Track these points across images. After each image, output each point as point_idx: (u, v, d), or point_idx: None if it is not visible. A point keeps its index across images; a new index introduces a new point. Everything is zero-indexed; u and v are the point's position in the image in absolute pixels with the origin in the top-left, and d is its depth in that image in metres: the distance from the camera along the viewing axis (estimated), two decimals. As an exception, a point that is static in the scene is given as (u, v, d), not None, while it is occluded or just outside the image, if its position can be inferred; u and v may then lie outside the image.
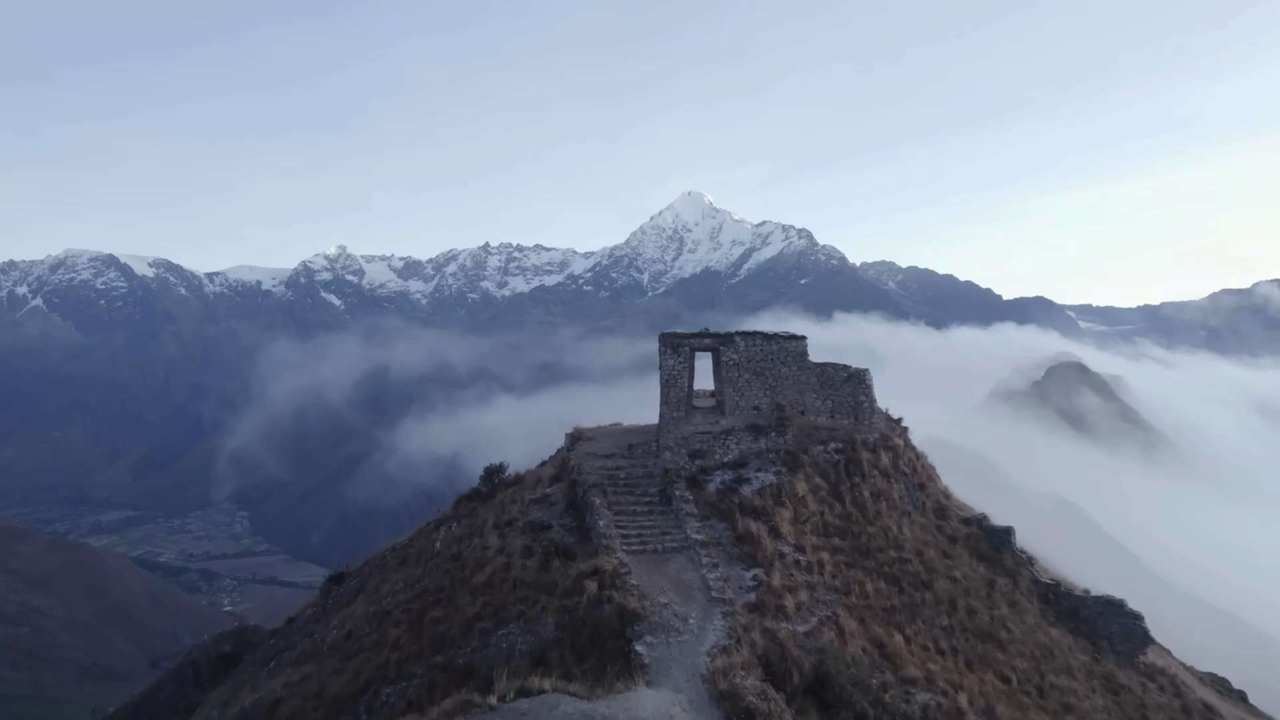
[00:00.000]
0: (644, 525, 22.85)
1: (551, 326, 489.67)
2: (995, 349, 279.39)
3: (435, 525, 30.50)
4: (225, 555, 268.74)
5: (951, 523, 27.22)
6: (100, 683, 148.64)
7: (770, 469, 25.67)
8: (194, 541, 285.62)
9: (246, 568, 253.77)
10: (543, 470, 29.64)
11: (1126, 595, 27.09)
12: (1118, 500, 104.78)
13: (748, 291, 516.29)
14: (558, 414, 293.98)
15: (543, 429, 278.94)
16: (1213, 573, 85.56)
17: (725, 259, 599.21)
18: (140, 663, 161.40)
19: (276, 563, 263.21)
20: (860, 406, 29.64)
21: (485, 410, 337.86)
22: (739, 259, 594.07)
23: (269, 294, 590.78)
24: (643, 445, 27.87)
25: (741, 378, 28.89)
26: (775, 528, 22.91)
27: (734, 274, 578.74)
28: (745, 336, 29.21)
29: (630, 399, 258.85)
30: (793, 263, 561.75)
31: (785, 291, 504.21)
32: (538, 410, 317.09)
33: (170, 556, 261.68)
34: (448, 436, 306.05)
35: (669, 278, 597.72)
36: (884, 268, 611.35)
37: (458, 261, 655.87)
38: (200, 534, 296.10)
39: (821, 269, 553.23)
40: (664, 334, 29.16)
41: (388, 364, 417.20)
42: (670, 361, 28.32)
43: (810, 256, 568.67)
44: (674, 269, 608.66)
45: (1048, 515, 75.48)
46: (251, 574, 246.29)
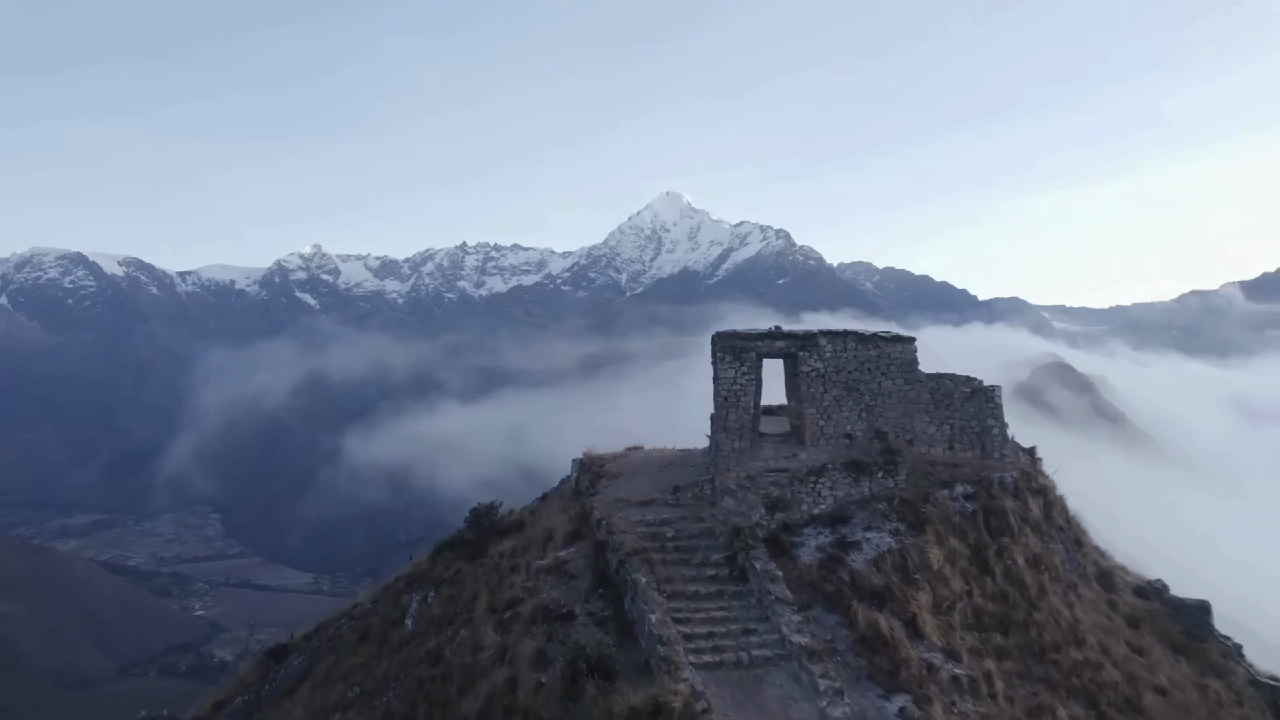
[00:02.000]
0: (713, 617, 16.15)
1: (532, 327, 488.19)
2: (972, 349, 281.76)
3: (406, 585, 25.02)
4: (197, 558, 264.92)
5: (1124, 595, 20.63)
6: (69, 691, 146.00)
7: (884, 526, 18.95)
8: (165, 545, 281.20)
9: (219, 571, 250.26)
10: (551, 517, 23.02)
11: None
12: (1121, 504, 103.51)
13: (726, 291, 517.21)
14: (510, 418, 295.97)
15: (492, 432, 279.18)
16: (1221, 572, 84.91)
17: (704, 259, 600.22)
18: (110, 669, 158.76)
19: (250, 566, 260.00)
20: (988, 433, 22.09)
21: (468, 405, 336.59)
22: (717, 259, 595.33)
23: (243, 293, 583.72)
24: (692, 487, 20.99)
25: (828, 394, 21.44)
26: (914, 621, 16.18)
27: (712, 274, 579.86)
28: (833, 338, 21.74)
29: (578, 399, 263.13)
30: (771, 263, 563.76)
31: (764, 291, 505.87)
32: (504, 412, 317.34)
33: (140, 560, 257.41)
34: (417, 436, 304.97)
35: (647, 277, 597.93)
36: (861, 268, 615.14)
37: (435, 261, 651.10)
38: (172, 537, 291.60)
39: (799, 269, 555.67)
40: (720, 334, 21.57)
41: (355, 365, 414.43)
42: (729, 372, 20.96)
43: (788, 257, 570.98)
44: (652, 269, 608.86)
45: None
46: (225, 577, 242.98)
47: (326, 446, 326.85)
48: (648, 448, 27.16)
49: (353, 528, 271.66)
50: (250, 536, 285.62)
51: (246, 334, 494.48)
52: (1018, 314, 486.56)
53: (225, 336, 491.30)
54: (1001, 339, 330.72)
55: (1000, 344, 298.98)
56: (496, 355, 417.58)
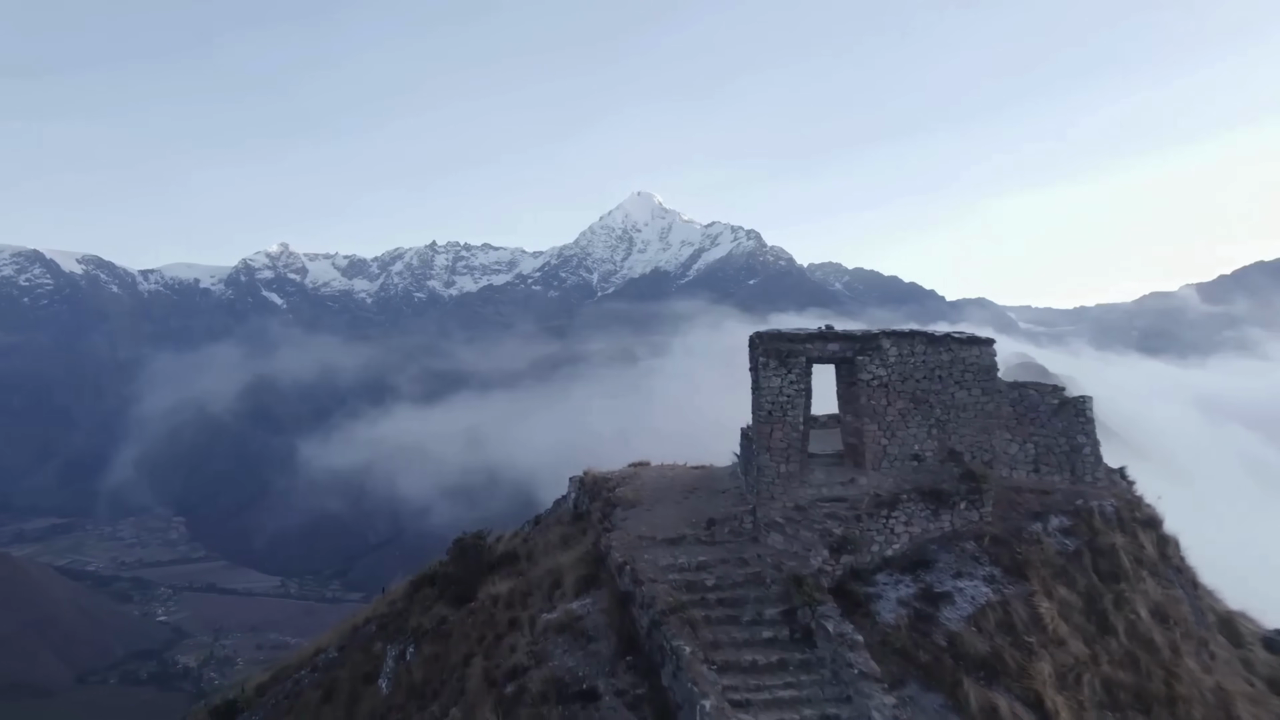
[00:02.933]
0: (779, 698, 12.64)
1: (501, 327, 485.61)
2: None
3: (379, 629, 21.96)
4: (160, 563, 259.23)
5: (1256, 651, 17.13)
6: (26, 700, 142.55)
7: (975, 571, 15.48)
8: (126, 549, 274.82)
9: (183, 575, 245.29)
10: (554, 553, 19.92)
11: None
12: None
13: (697, 291, 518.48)
14: (472, 420, 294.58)
15: (453, 434, 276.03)
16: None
17: (675, 259, 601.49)
18: (67, 678, 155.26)
19: (216, 569, 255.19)
20: (1079, 453, 18.77)
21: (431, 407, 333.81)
22: (688, 259, 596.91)
23: (208, 292, 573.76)
24: (729, 520, 17.50)
25: (892, 407, 18.12)
26: (1038, 701, 12.84)
27: (683, 274, 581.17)
28: (898, 339, 18.38)
29: (545, 401, 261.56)
30: (742, 263, 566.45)
31: (734, 292, 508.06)
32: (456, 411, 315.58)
33: (100, 565, 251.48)
34: (378, 439, 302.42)
35: (619, 278, 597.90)
36: (831, 269, 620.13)
37: (404, 260, 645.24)
38: (133, 541, 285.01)
39: (770, 269, 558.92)
40: (763, 335, 18.19)
41: (312, 366, 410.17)
42: (774, 381, 17.65)
43: (759, 257, 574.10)
44: (623, 269, 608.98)
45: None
46: (189, 582, 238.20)
47: (289, 449, 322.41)
48: (656, 464, 24.05)
49: (320, 530, 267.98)
50: (215, 539, 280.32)
51: (212, 333, 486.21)
52: (984, 314, 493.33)
53: (190, 336, 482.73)
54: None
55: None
56: (456, 356, 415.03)
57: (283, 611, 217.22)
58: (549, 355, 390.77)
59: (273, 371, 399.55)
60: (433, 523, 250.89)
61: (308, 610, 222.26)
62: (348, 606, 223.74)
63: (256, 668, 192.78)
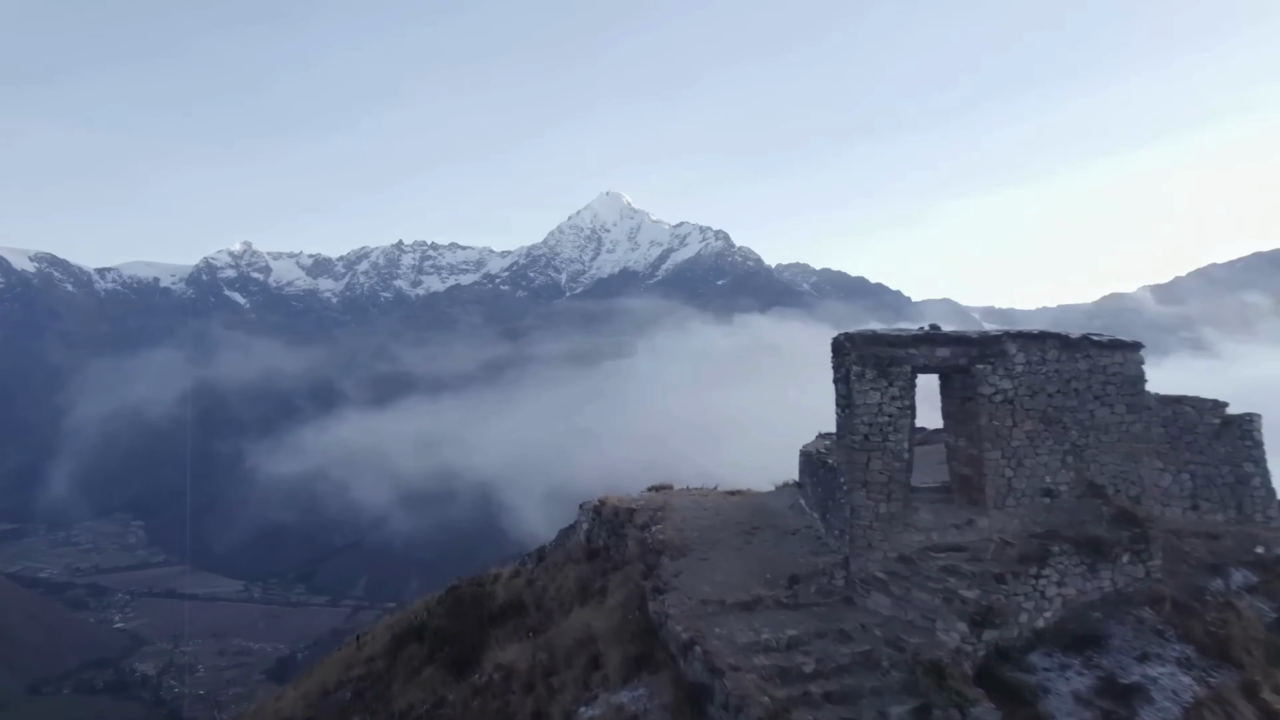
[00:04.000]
0: None
1: (473, 326, 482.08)
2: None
3: (355, 693, 18.03)
4: (117, 568, 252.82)
5: None
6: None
7: (1165, 651, 11.76)
8: (81, 555, 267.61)
9: (142, 580, 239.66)
10: (574, 606, 16.14)
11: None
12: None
13: (666, 291, 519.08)
14: (433, 422, 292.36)
15: (407, 436, 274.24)
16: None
17: (643, 259, 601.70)
18: (17, 689, 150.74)
19: (176, 574, 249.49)
20: (1246, 485, 15.21)
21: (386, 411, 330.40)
22: (657, 259, 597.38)
23: (168, 292, 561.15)
24: (814, 577, 13.93)
25: (1019, 429, 14.50)
26: None
27: (652, 274, 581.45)
28: (1026, 343, 14.85)
29: (496, 406, 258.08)
30: (710, 264, 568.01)
31: (703, 292, 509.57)
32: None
33: (54, 572, 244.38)
34: (341, 440, 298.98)
35: (587, 278, 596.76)
36: (799, 269, 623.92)
37: (370, 259, 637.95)
38: (89, 546, 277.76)
39: (738, 270, 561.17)
40: (855, 337, 14.52)
41: (268, 367, 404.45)
42: (873, 396, 14.03)
43: (727, 258, 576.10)
44: (592, 269, 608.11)
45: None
46: (148, 587, 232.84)
47: (245, 451, 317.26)
48: (680, 488, 20.94)
49: (285, 533, 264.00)
50: (176, 543, 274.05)
51: (172, 333, 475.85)
52: (950, 315, 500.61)
53: (149, 336, 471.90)
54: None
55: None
56: (411, 358, 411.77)
57: (246, 616, 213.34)
58: (511, 356, 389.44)
59: (229, 373, 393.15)
60: (396, 527, 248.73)
61: (271, 614, 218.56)
62: (313, 610, 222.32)
63: (218, 674, 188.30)
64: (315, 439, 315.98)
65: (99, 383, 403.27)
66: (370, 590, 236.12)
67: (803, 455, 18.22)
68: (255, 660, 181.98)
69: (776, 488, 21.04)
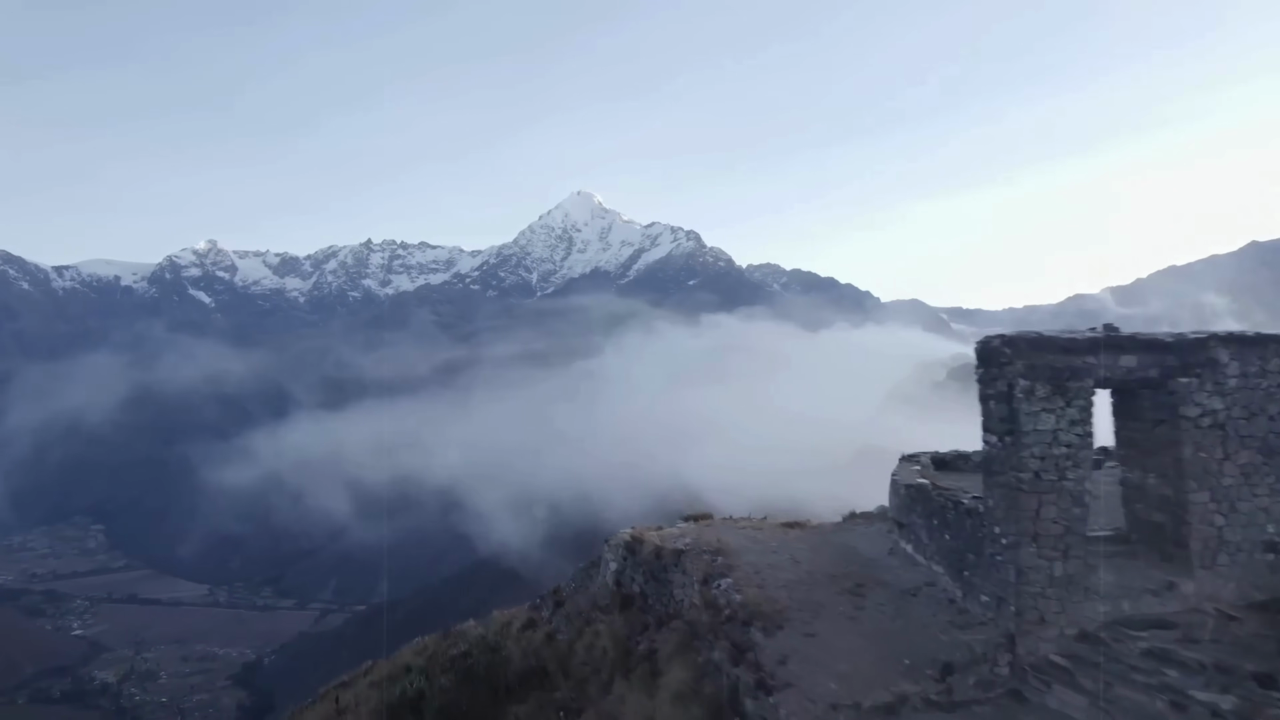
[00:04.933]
0: None
1: (439, 327, 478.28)
2: (884, 350, 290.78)
3: None
4: (76, 574, 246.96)
5: None
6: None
7: None
8: (38, 560, 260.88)
9: (101, 586, 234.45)
10: (625, 680, 13.08)
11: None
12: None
13: (638, 292, 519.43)
14: (394, 425, 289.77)
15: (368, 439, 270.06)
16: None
17: (615, 259, 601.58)
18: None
19: (138, 579, 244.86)
20: None
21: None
22: (628, 259, 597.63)
23: (130, 290, 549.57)
24: (972, 664, 10.32)
25: (1232, 463, 11.03)
26: None
27: (623, 274, 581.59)
28: (1243, 348, 11.45)
29: (460, 409, 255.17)
30: (682, 264, 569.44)
31: (674, 292, 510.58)
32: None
33: (9, 578, 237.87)
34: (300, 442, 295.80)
35: (558, 278, 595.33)
36: (769, 269, 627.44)
37: (338, 259, 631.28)
38: (46, 551, 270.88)
39: (710, 270, 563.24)
40: (1015, 341, 11.08)
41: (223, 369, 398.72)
42: (1047, 419, 10.66)
43: (698, 258, 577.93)
44: (563, 269, 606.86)
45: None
46: (107, 592, 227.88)
47: (214, 450, 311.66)
48: (721, 518, 17.84)
49: (251, 536, 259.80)
50: (137, 547, 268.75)
51: (134, 333, 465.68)
52: (919, 315, 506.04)
53: (109, 335, 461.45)
54: (909, 340, 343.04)
55: (908, 345, 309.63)
56: (381, 360, 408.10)
57: (211, 621, 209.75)
58: (476, 357, 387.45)
59: (180, 376, 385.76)
60: (368, 528, 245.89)
61: (238, 619, 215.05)
62: (280, 614, 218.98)
63: (181, 681, 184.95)
64: (316, 428, 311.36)
65: (59, 382, 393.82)
66: (339, 593, 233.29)
67: (905, 489, 14.15)
68: (220, 666, 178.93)
69: (845, 519, 17.67)
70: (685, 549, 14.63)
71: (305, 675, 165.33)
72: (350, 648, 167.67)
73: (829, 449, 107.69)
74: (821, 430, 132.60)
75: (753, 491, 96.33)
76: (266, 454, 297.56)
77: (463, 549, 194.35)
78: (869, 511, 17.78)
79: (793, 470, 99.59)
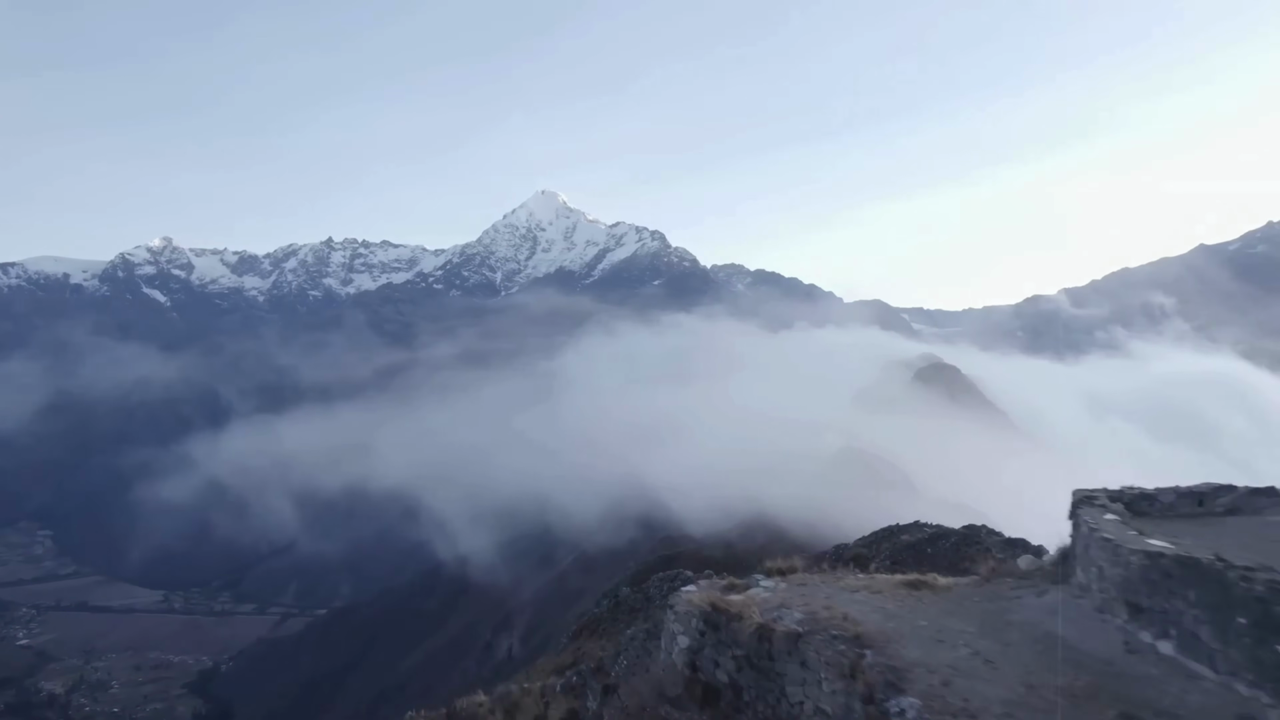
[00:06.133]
0: None
1: (400, 326, 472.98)
2: (851, 350, 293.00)
3: None
4: (22, 581, 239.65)
5: None
6: None
7: None
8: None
9: (49, 593, 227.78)
10: None
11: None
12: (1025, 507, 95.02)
13: (602, 292, 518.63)
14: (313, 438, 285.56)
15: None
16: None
17: (580, 259, 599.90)
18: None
19: (88, 585, 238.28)
20: None
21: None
22: (593, 259, 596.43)
23: (80, 288, 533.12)
24: None
25: None
26: None
27: (588, 274, 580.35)
28: None
29: (378, 421, 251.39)
30: (646, 264, 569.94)
31: (639, 292, 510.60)
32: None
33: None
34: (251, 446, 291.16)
35: (523, 277, 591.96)
36: (734, 269, 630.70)
37: (298, 257, 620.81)
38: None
39: (675, 270, 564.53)
40: None
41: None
42: None
43: (663, 258, 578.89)
44: (528, 268, 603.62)
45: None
46: (56, 600, 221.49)
47: (164, 454, 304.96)
48: (817, 571, 13.30)
49: (207, 541, 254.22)
50: (88, 554, 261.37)
51: (86, 332, 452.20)
52: (880, 315, 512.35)
53: (58, 336, 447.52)
54: (872, 340, 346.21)
55: (872, 345, 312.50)
56: (336, 362, 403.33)
57: (165, 628, 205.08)
58: (422, 360, 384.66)
59: (122, 378, 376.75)
60: (325, 531, 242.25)
61: (193, 625, 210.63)
62: (239, 620, 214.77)
63: (134, 690, 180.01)
64: (267, 433, 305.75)
65: (16, 380, 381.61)
66: (300, 597, 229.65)
67: (1139, 557, 9.41)
68: (175, 674, 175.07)
69: (984, 578, 12.67)
70: (803, 631, 10.20)
71: (265, 682, 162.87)
72: (312, 653, 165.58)
73: (803, 451, 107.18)
74: (792, 432, 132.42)
75: (717, 492, 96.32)
76: (224, 457, 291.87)
77: (423, 553, 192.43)
78: (1013, 565, 13.49)
79: (760, 471, 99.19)
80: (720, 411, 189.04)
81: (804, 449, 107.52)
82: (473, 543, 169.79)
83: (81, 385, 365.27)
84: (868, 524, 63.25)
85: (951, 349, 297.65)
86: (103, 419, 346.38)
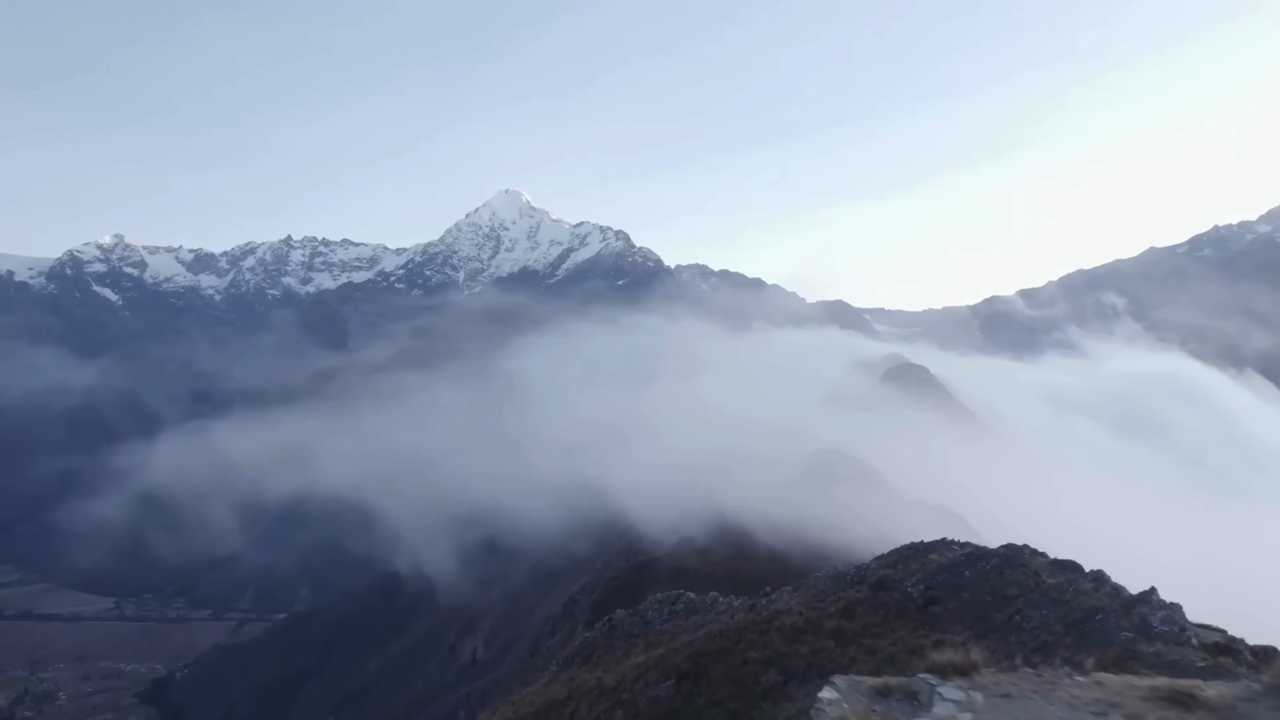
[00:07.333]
0: None
1: (361, 324, 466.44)
2: (816, 351, 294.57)
3: None
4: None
5: None
6: None
7: None
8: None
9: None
10: None
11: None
12: (996, 499, 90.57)
13: (566, 291, 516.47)
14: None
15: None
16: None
17: (543, 259, 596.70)
18: None
19: (33, 593, 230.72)
20: None
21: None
22: (557, 259, 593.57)
23: (25, 286, 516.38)
24: None
25: None
26: None
27: (552, 274, 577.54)
28: None
29: (321, 425, 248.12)
30: (611, 264, 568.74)
31: (604, 292, 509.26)
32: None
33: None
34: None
35: (485, 276, 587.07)
36: (698, 270, 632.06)
37: (256, 255, 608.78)
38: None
39: (639, 270, 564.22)
40: None
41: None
42: None
43: (628, 258, 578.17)
44: (491, 267, 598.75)
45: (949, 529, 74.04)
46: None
47: (115, 456, 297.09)
48: (1010, 675, 7.81)
49: (160, 545, 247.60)
50: (30, 558, 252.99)
51: (29, 331, 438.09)
52: (843, 316, 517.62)
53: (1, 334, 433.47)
54: (835, 340, 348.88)
55: (836, 345, 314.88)
56: (304, 360, 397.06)
57: (116, 635, 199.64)
58: (368, 362, 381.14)
59: (99, 376, 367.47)
60: (287, 531, 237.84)
61: (145, 633, 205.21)
62: (194, 626, 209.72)
63: (82, 701, 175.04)
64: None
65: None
66: (258, 601, 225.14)
67: None
68: (127, 683, 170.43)
69: (1252, 693, 8.76)
70: None
71: (222, 690, 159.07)
72: (271, 659, 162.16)
73: (773, 453, 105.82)
74: (761, 433, 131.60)
75: (683, 495, 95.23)
76: (170, 461, 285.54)
77: (380, 558, 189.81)
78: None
79: (727, 474, 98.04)
80: (686, 412, 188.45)
81: (774, 451, 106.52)
82: (432, 549, 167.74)
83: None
84: (845, 528, 62.78)
85: (911, 348, 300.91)
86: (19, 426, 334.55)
